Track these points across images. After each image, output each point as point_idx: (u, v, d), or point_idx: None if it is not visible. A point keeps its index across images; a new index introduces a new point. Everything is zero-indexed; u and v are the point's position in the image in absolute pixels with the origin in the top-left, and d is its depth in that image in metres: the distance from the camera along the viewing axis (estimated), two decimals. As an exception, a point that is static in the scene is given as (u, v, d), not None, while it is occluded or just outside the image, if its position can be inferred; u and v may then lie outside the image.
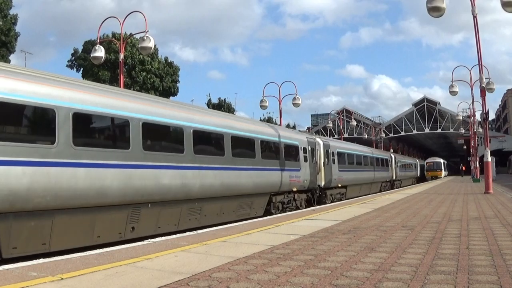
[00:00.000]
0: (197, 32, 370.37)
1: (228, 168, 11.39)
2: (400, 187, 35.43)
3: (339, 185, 21.18)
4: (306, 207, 15.80)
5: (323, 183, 18.82)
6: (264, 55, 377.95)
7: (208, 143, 11.29)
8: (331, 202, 18.75)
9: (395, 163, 36.11)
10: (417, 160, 55.11)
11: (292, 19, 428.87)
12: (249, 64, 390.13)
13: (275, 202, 14.32)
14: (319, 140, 19.69)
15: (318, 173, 18.30)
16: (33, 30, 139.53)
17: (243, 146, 12.69)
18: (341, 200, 20.10)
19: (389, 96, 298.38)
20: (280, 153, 14.84)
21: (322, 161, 19.01)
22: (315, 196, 18.24)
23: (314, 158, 18.06)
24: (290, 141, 15.97)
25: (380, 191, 29.37)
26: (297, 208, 15.52)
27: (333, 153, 20.76)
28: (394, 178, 35.48)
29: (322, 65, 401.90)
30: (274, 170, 14.15)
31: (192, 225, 9.96)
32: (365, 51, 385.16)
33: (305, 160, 16.88)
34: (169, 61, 43.52)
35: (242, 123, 13.37)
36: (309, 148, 17.50)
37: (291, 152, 16.02)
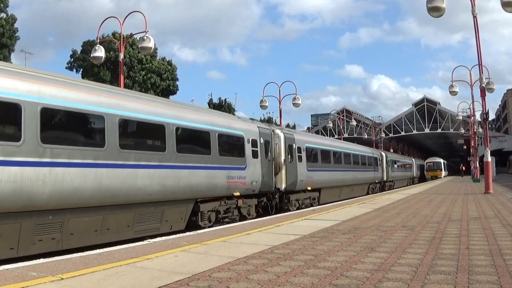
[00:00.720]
0: (196, 32, 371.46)
1: (111, 165, 8.14)
2: (393, 189, 32.40)
3: (309, 188, 17.34)
4: (260, 216, 12.54)
5: (284, 186, 15.14)
6: (263, 55, 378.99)
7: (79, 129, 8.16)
8: (298, 208, 15.58)
9: (386, 162, 32.65)
10: (414, 160, 51.49)
11: (291, 19, 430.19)
12: (248, 64, 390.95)
13: (204, 212, 10.82)
14: (279, 131, 15.74)
15: (277, 173, 14.91)
16: (32, 30, 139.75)
17: (144, 135, 9.60)
18: (312, 206, 16.65)
19: (388, 96, 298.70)
20: (211, 146, 11.11)
21: (283, 158, 15.26)
22: (274, 201, 14.84)
23: (270, 154, 14.44)
24: (229, 130, 12.15)
25: (367, 194, 25.95)
26: (243, 218, 12.17)
27: (299, 148, 16.87)
28: (385, 179, 32.07)
29: (321, 65, 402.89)
30: (200, 168, 10.51)
31: (45, 249, 7.04)
32: (364, 51, 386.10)
33: (255, 155, 13.23)
34: (167, 60, 43.54)
35: (140, 102, 9.47)
36: (262, 141, 13.83)
37: (232, 145, 12.55)
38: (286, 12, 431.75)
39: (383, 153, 33.57)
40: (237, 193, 12.13)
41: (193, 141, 10.92)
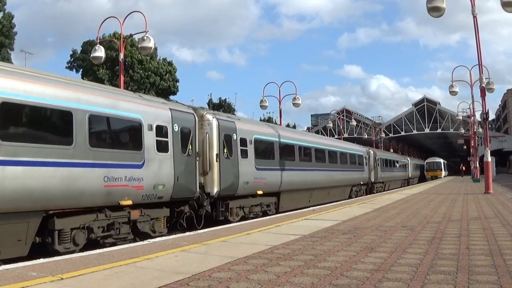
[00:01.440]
0: (194, 32, 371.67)
1: None
2: (384, 191, 28.55)
3: (260, 192, 13.52)
4: (179, 232, 9.64)
5: (216, 190, 11.39)
6: (262, 56, 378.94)
7: None
8: (244, 218, 12.29)
9: (374, 161, 28.61)
10: (409, 159, 47.73)
11: (289, 19, 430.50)
12: (247, 65, 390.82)
13: (63, 230, 7.48)
14: (210, 116, 11.87)
15: (206, 173, 11.30)
16: (32, 31, 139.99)
17: None
18: (267, 214, 13.53)
19: (387, 96, 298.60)
20: (74, 133, 7.58)
21: (215, 152, 11.51)
22: (202, 211, 11.19)
23: (192, 147, 10.71)
24: (112, 111, 8.53)
25: (350, 197, 22.30)
26: (143, 237, 8.90)
27: (244, 140, 12.99)
28: (373, 180, 28.02)
29: (321, 66, 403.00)
30: (49, 165, 7.10)
31: None
32: (363, 52, 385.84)
33: (161, 149, 9.62)
34: (167, 60, 43.54)
35: None
36: (176, 129, 10.18)
37: (117, 133, 9.17)
38: (284, 13, 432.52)
39: (371, 151, 29.00)
40: (128, 202, 8.70)
41: (35, 124, 7.45)
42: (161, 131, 9.77)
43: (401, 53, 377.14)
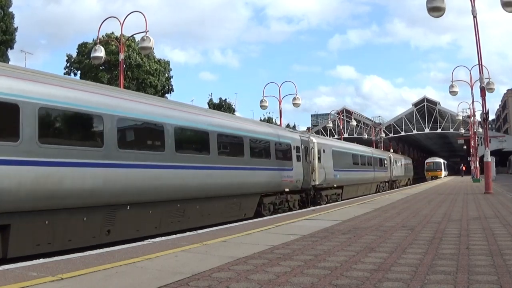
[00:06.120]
0: (184, 34, 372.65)
1: None
2: (341, 200, 20.11)
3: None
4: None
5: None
6: (254, 57, 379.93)
7: None
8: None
9: (325, 155, 19.75)
10: (392, 155, 37.86)
11: (277, 21, 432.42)
12: (240, 66, 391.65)
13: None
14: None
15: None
16: (24, 33, 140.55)
17: None
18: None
19: (381, 96, 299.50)
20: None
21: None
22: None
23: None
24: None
25: (275, 210, 14.67)
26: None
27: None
28: (318, 182, 18.56)
29: (312, 66, 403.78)
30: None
31: None
32: (355, 53, 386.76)
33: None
34: (158, 59, 43.38)
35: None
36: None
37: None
38: (271, 14, 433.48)
39: (315, 140, 19.52)
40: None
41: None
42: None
43: (393, 54, 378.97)
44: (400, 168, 39.52)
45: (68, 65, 41.36)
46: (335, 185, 20.75)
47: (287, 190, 15.26)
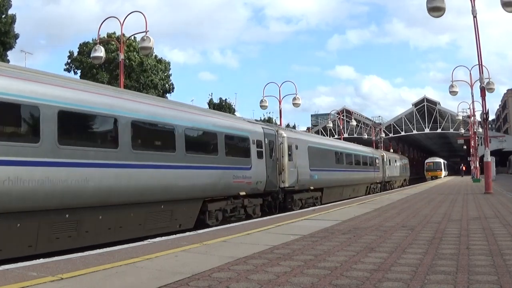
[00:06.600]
0: (183, 34, 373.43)
1: None
2: (321, 204, 17.46)
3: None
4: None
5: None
6: (253, 57, 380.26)
7: None
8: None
9: (298, 152, 16.76)
10: (385, 153, 34.88)
11: (276, 21, 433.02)
12: (240, 66, 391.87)
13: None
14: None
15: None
16: (24, 34, 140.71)
17: None
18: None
19: (381, 96, 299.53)
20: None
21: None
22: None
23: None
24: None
25: (225, 218, 12.47)
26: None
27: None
28: (288, 184, 15.55)
29: (311, 66, 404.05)
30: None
31: None
32: (354, 53, 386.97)
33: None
34: (158, 58, 43.37)
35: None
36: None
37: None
38: (270, 14, 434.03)
39: (283, 133, 16.52)
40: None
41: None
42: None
43: (392, 54, 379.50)
44: (394, 168, 36.39)
45: (69, 61, 41.39)
46: (312, 188, 17.51)
47: (242, 193, 12.55)
